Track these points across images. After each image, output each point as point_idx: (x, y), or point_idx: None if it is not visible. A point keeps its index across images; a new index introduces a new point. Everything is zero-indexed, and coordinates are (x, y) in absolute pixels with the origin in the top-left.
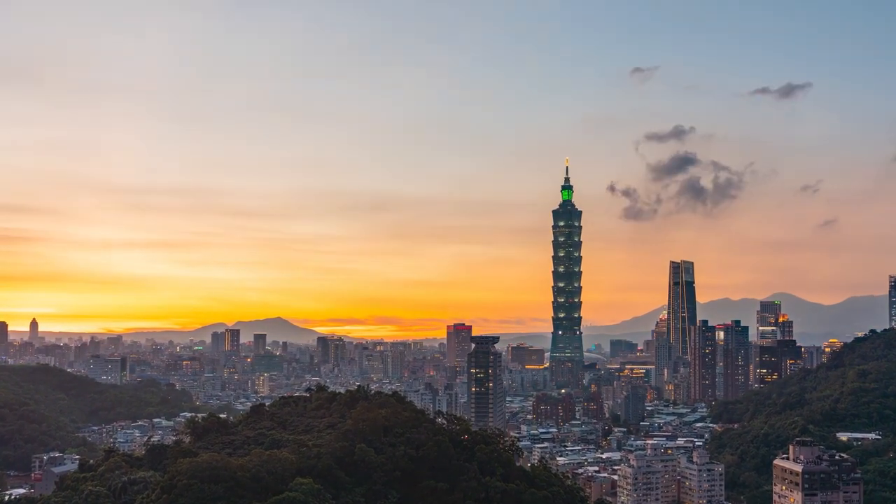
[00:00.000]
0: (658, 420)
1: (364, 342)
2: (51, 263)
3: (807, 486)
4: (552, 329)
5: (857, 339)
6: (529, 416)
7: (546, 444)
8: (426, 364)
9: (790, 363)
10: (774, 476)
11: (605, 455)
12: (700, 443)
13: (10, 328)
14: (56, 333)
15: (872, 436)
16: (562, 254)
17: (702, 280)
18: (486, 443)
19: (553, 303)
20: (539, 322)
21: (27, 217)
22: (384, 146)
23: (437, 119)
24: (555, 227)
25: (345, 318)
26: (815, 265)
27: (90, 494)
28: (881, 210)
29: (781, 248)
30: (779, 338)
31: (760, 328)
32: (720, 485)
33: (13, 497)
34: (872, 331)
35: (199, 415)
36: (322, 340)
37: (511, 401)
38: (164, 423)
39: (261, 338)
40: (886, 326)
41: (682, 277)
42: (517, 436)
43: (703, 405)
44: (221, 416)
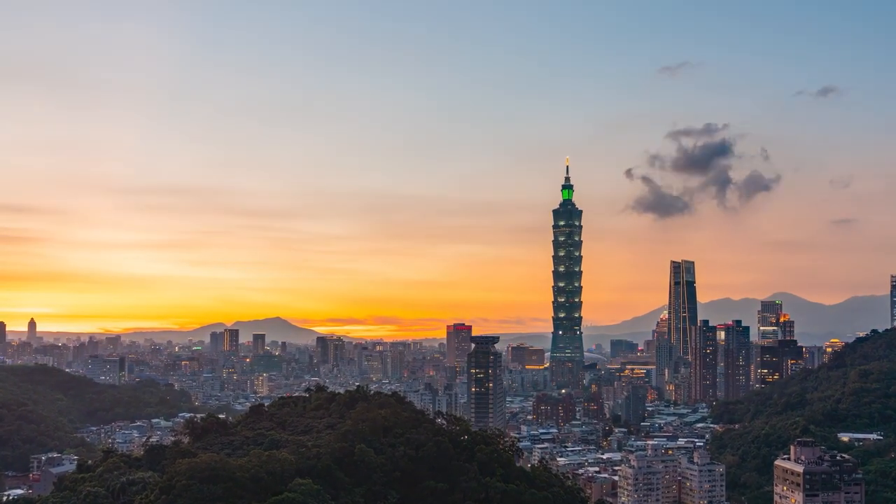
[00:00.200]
0: (659, 420)
1: (363, 342)
2: (49, 263)
3: (808, 487)
4: (552, 329)
5: (859, 339)
6: (530, 417)
7: (546, 445)
8: (426, 364)
9: (791, 363)
10: (775, 477)
11: (606, 455)
12: (701, 443)
13: (8, 328)
14: (54, 333)
15: (874, 436)
16: (562, 253)
17: (702, 280)
18: (486, 443)
19: (553, 303)
20: (539, 322)
21: (25, 217)
22: (384, 146)
23: (439, 119)
24: (555, 227)
25: (344, 318)
26: (817, 265)
27: (88, 495)
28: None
29: (785, 248)
30: (780, 338)
31: (761, 328)
32: (721, 485)
33: (11, 497)
34: (874, 331)
35: (198, 415)
36: (321, 340)
37: (511, 401)
38: (163, 424)
39: (260, 338)
40: (888, 326)
41: (683, 277)
42: (517, 436)
43: (704, 405)
44: (220, 417)
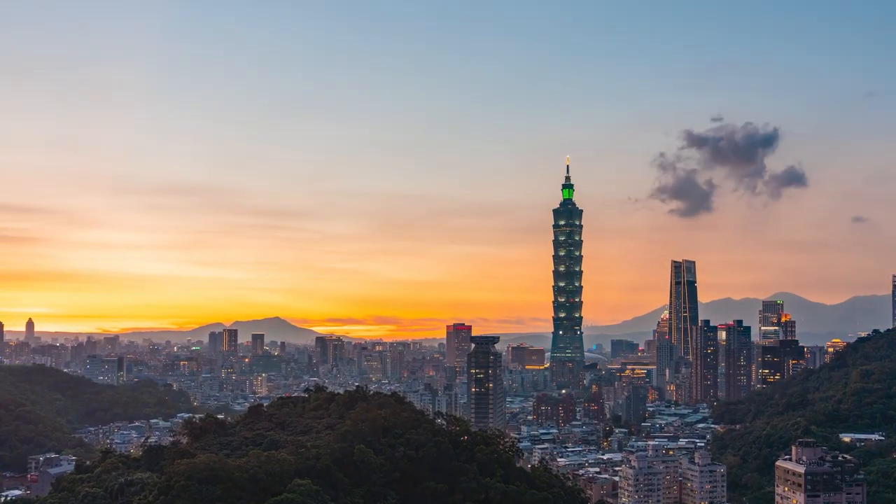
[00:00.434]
0: (659, 421)
1: (363, 342)
2: (47, 263)
3: (809, 488)
4: (553, 329)
5: (861, 339)
6: (530, 417)
7: (546, 445)
8: (425, 364)
9: (793, 363)
10: (777, 477)
11: (606, 456)
12: (702, 444)
13: (6, 328)
14: (52, 333)
15: (876, 437)
16: (562, 253)
17: (703, 279)
18: (486, 444)
19: (553, 302)
20: (539, 322)
21: (23, 216)
22: (385, 147)
23: (439, 120)
24: (555, 227)
25: (343, 318)
26: (819, 264)
27: (87, 496)
28: None
29: (792, 248)
30: (781, 338)
31: (763, 328)
32: (722, 486)
33: (9, 498)
34: (876, 331)
35: (197, 415)
36: (320, 340)
37: (511, 401)
38: (162, 424)
39: (259, 338)
40: (890, 326)
41: (684, 277)
42: (517, 437)
43: (705, 406)
44: (219, 417)
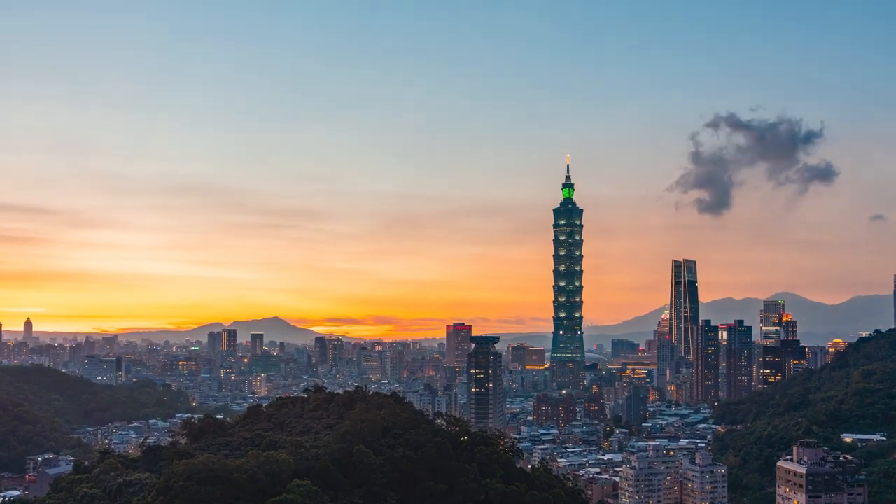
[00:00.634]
0: (660, 421)
1: (362, 342)
2: (45, 263)
3: (811, 488)
4: (553, 329)
5: (862, 339)
6: (530, 417)
7: (547, 446)
8: (425, 364)
9: (794, 363)
10: (778, 478)
11: (607, 456)
12: (702, 444)
13: (4, 328)
14: (50, 333)
15: (877, 437)
16: (563, 253)
17: (704, 279)
18: (486, 444)
19: (554, 302)
20: (540, 322)
21: (20, 216)
22: (384, 147)
23: (439, 120)
24: (556, 226)
25: (343, 318)
26: (821, 264)
27: (85, 496)
28: None
29: (793, 247)
30: (782, 338)
31: (764, 328)
32: (723, 487)
33: (7, 499)
34: (877, 331)
35: (196, 416)
36: (320, 340)
37: (511, 402)
38: (160, 425)
39: (258, 338)
40: (891, 326)
41: (685, 276)
42: (517, 437)
43: (706, 406)
44: (218, 418)
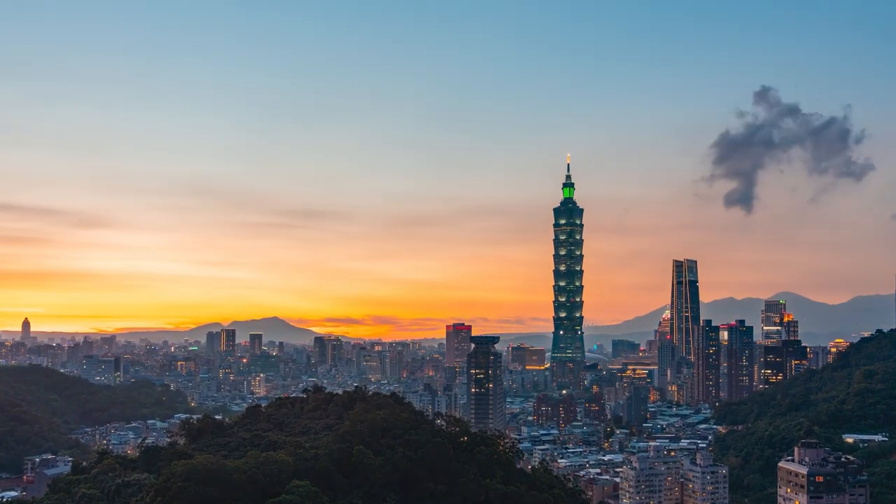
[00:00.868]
0: (661, 421)
1: (362, 342)
2: (43, 262)
3: (812, 489)
4: (553, 329)
5: (864, 339)
6: (530, 418)
7: (547, 446)
8: (425, 364)
9: (795, 364)
10: (779, 478)
11: (607, 457)
12: (703, 444)
13: (2, 328)
14: (48, 333)
15: (879, 437)
16: (563, 252)
17: (705, 279)
18: (486, 444)
19: (554, 302)
20: (540, 322)
21: (18, 216)
22: (385, 147)
23: (440, 120)
24: (556, 226)
25: (342, 318)
26: (822, 264)
27: (83, 497)
28: None
29: (795, 247)
30: (784, 338)
31: (765, 328)
32: (724, 487)
33: (5, 500)
34: (879, 331)
35: (195, 416)
36: (319, 340)
37: (511, 402)
38: (159, 425)
39: (257, 338)
40: (893, 326)
41: (686, 276)
42: (518, 437)
43: (707, 406)
44: (217, 418)
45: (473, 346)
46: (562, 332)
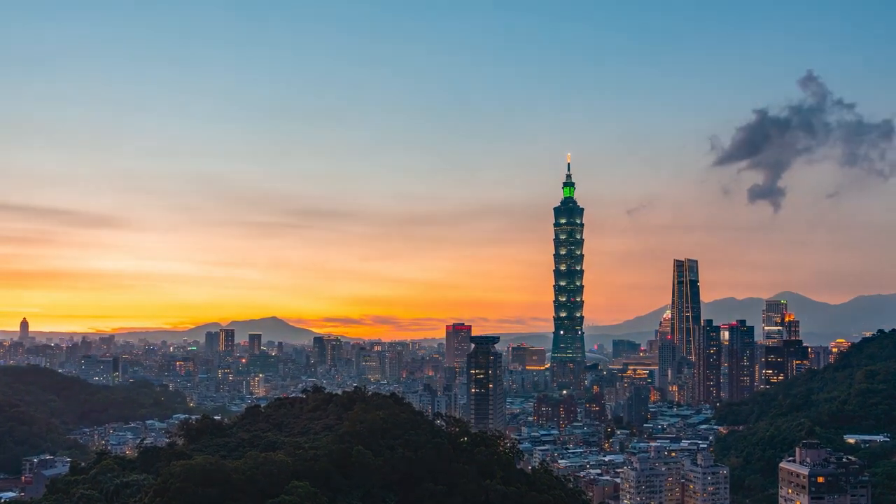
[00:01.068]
0: (661, 422)
1: (361, 342)
2: (41, 262)
3: (813, 490)
4: (553, 329)
5: (865, 339)
6: (530, 418)
7: (547, 447)
8: (425, 365)
9: (796, 364)
10: (780, 479)
11: (608, 457)
12: (704, 445)
13: (0, 328)
14: (46, 333)
15: (881, 438)
16: (563, 252)
17: (706, 279)
18: (486, 445)
19: (554, 302)
20: (540, 322)
21: (17, 216)
22: (385, 147)
23: (440, 120)
24: (556, 225)
25: (341, 318)
26: (823, 264)
27: (81, 497)
28: None
29: (797, 247)
30: (785, 338)
31: (766, 328)
32: (725, 488)
33: (3, 500)
34: (880, 330)
35: (193, 416)
36: (318, 341)
37: (511, 402)
38: (158, 425)
39: (256, 338)
40: (895, 326)
41: (686, 276)
42: (518, 438)
43: (708, 406)
44: (216, 418)
45: (473, 347)
46: (562, 332)
